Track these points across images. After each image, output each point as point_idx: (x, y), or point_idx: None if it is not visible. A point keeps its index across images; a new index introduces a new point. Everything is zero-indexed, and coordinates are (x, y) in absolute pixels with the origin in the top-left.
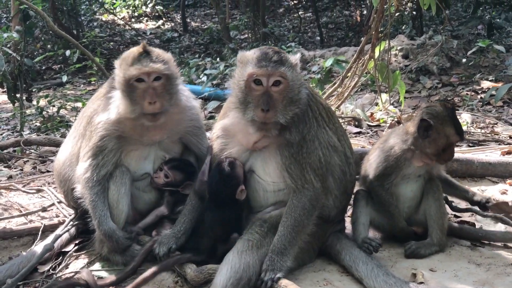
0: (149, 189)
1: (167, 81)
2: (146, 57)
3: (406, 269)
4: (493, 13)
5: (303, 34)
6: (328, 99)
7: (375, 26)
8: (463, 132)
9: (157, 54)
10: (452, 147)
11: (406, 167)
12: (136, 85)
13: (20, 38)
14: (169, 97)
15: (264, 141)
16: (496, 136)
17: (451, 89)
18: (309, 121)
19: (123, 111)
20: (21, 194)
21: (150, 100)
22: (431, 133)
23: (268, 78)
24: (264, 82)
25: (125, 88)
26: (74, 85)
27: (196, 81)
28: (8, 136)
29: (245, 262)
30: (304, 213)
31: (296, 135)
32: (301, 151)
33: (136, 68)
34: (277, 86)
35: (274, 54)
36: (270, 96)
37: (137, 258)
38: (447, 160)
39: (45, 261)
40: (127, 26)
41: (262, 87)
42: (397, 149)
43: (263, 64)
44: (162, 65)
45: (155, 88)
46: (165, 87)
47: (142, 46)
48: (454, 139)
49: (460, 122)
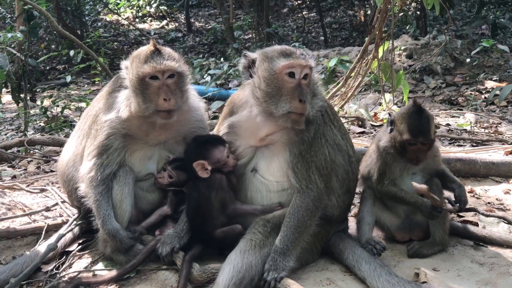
0: (152, 189)
1: (180, 79)
2: (158, 55)
3: (409, 269)
4: (497, 13)
5: (307, 34)
6: (332, 99)
7: (378, 26)
8: (421, 133)
9: (168, 52)
10: (415, 147)
11: (394, 162)
12: (150, 83)
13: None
14: (181, 94)
15: (273, 135)
16: (499, 136)
17: (455, 89)
18: (318, 119)
19: (134, 109)
20: (25, 193)
21: (165, 96)
22: (393, 129)
23: (302, 69)
24: (297, 74)
25: (138, 86)
26: (78, 85)
27: (200, 81)
28: (13, 136)
29: (248, 262)
30: (307, 214)
31: (307, 133)
32: (310, 149)
33: (150, 66)
34: (305, 79)
35: (296, 49)
36: (302, 87)
37: (139, 256)
38: (411, 160)
39: (49, 260)
40: (131, 26)
41: (295, 80)
42: (382, 144)
43: (295, 56)
44: (175, 62)
45: (169, 85)
46: (178, 85)
47: (152, 45)
48: (406, 137)
49: (424, 122)
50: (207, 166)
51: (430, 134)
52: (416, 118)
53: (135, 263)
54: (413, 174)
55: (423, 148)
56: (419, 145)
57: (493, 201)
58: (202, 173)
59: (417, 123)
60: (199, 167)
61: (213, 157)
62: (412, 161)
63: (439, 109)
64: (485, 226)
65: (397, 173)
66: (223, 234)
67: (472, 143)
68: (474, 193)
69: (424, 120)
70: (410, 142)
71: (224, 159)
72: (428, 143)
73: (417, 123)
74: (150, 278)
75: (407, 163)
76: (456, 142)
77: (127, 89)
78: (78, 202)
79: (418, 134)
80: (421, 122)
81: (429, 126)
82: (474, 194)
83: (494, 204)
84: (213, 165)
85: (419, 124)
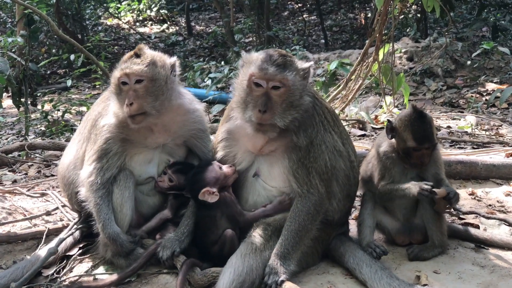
0: (153, 193)
1: (150, 83)
2: (135, 59)
3: (410, 271)
4: (498, 15)
5: (307, 37)
6: (333, 102)
7: (378, 29)
8: (426, 139)
9: (147, 56)
10: (420, 152)
11: (394, 167)
12: (122, 87)
13: (25, 42)
14: (152, 99)
15: (270, 145)
16: (500, 138)
17: (456, 91)
18: (316, 126)
19: (115, 114)
20: (26, 198)
21: (128, 102)
22: (395, 135)
23: (268, 82)
24: (263, 85)
25: (114, 90)
26: (79, 89)
27: (201, 84)
28: (14, 140)
29: (249, 265)
30: (308, 218)
31: (304, 139)
32: (309, 155)
33: (119, 70)
34: (277, 90)
35: (278, 57)
36: (269, 98)
37: (140, 260)
38: (416, 165)
39: (49, 264)
40: (132, 30)
41: (262, 89)
42: (382, 149)
43: (264, 67)
44: (144, 67)
45: (136, 90)
46: (148, 89)
47: (137, 49)
48: (411, 144)
49: (427, 128)
50: (211, 190)
51: (434, 138)
52: (419, 124)
53: (136, 267)
54: (411, 179)
55: (427, 152)
56: (423, 150)
57: (494, 203)
58: (212, 198)
59: (421, 130)
60: (206, 195)
61: (210, 180)
62: (417, 165)
63: (440, 111)
64: (486, 229)
65: (397, 177)
66: (218, 248)
67: (473, 146)
68: (475, 196)
69: (427, 126)
70: (415, 149)
71: (220, 173)
72: (432, 147)
73: (421, 130)
74: (151, 282)
75: (405, 168)
76: (457, 145)
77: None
78: (79, 206)
79: (424, 141)
80: (424, 128)
81: (432, 131)
82: (475, 197)
83: (495, 206)
84: (215, 185)
85: (423, 131)
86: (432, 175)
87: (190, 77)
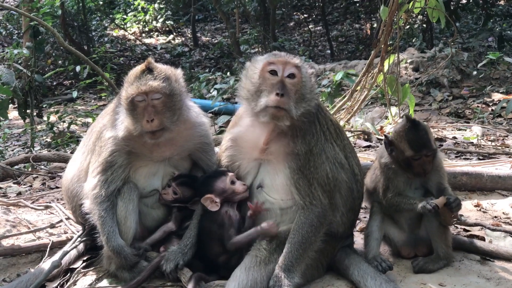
0: (157, 205)
1: (168, 98)
2: (148, 74)
3: (415, 284)
4: (504, 25)
5: (313, 47)
6: (338, 113)
7: (384, 39)
8: (422, 146)
9: (160, 71)
10: (420, 161)
11: (396, 177)
12: (137, 103)
13: (31, 54)
14: (170, 114)
15: (271, 145)
16: (506, 149)
17: (462, 101)
18: (316, 134)
19: (127, 128)
20: (30, 210)
21: (148, 118)
22: (394, 149)
23: (284, 66)
24: (279, 72)
25: (127, 106)
26: (85, 101)
27: (207, 95)
28: (19, 152)
29: (253, 279)
30: (311, 230)
31: (302, 146)
32: (308, 164)
33: (135, 87)
34: (292, 78)
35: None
36: (284, 84)
37: (144, 273)
38: (419, 174)
39: (53, 278)
40: (138, 41)
41: (277, 77)
42: (383, 160)
43: (278, 53)
44: (162, 83)
45: (155, 106)
46: (166, 105)
47: (146, 63)
48: (409, 153)
49: (423, 135)
50: (214, 199)
51: (431, 144)
52: (414, 133)
53: (140, 280)
54: (416, 189)
55: (428, 159)
56: (423, 158)
57: (499, 215)
58: (212, 206)
59: (417, 138)
60: (207, 201)
61: (217, 189)
62: (420, 174)
63: (445, 122)
64: (491, 241)
65: (401, 187)
66: (225, 258)
67: (479, 156)
68: (481, 207)
69: (422, 133)
70: (414, 158)
71: (229, 187)
72: (432, 153)
73: (416, 138)
74: None
75: (409, 178)
76: (463, 156)
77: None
78: (83, 218)
79: (421, 148)
80: (420, 135)
81: (428, 137)
82: (480, 208)
83: (500, 218)
84: (220, 196)
85: (419, 138)
86: (435, 185)
87: (195, 88)
